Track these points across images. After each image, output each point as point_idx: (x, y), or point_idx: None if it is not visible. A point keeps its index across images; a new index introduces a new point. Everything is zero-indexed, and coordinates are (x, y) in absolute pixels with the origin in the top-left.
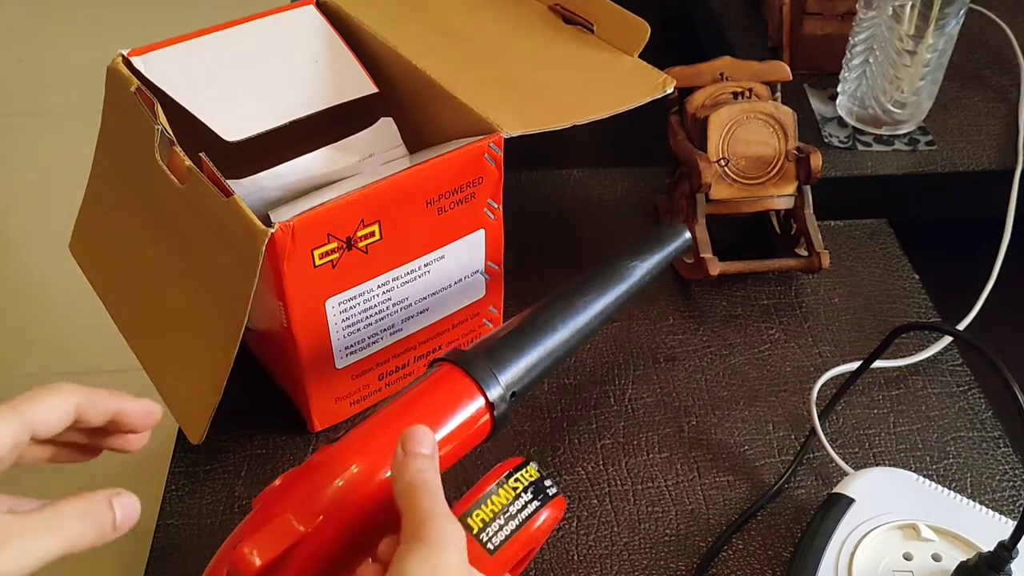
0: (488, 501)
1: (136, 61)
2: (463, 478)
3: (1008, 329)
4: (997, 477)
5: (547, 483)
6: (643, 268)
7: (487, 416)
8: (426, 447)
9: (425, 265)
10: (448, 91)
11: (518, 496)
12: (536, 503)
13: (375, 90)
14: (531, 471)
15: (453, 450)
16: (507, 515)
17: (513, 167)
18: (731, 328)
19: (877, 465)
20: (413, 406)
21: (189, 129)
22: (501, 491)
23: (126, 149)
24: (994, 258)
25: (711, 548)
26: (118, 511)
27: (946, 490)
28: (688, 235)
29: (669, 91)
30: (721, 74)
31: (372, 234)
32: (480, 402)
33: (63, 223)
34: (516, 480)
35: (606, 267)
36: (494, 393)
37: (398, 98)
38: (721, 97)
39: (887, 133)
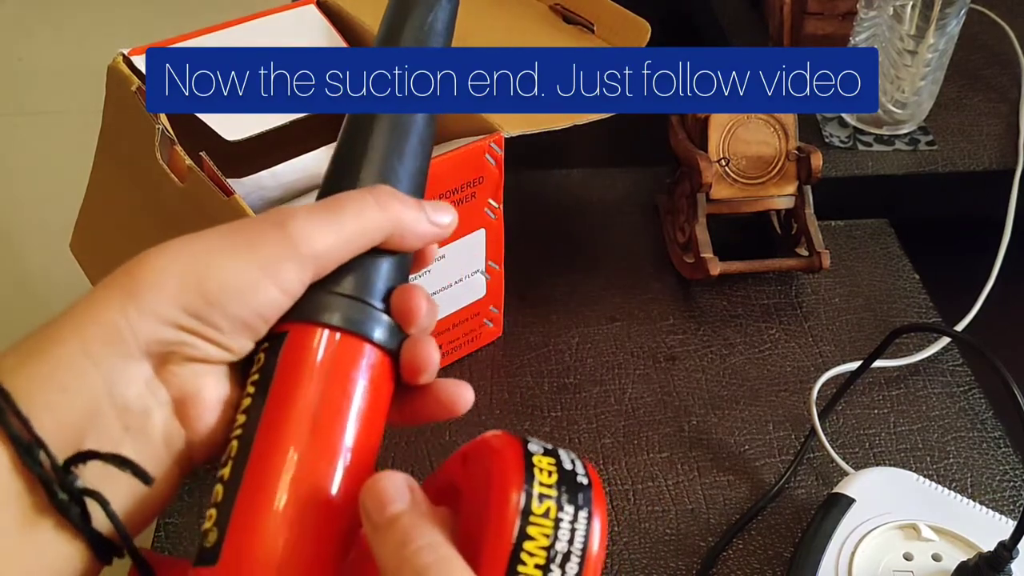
0: (523, 549)
1: (137, 60)
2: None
3: (1008, 329)
4: (997, 477)
5: (567, 462)
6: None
7: (383, 362)
8: (400, 500)
9: None
10: None
11: (560, 513)
12: (584, 511)
13: None
14: (542, 461)
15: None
16: (562, 555)
17: (513, 167)
18: (731, 328)
19: (877, 465)
20: (275, 447)
21: (189, 128)
22: (532, 526)
23: (126, 148)
24: (994, 258)
25: (712, 549)
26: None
27: (946, 490)
28: None
29: None
30: None
31: None
32: (366, 356)
33: (63, 223)
34: (542, 487)
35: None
36: (377, 328)
37: None
38: None
39: (888, 133)
